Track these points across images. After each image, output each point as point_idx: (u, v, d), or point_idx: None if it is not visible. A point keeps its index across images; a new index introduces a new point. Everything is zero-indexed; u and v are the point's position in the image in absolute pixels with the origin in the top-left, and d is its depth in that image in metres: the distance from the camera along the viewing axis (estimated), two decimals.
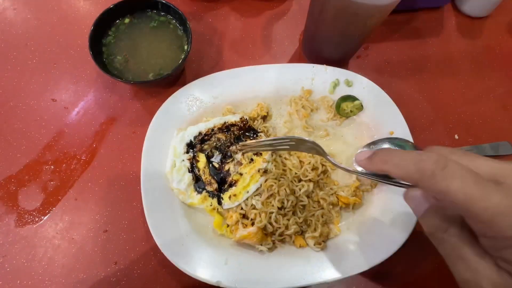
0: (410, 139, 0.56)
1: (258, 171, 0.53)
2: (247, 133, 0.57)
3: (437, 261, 0.57)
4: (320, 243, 0.53)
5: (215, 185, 0.55)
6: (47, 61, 0.65)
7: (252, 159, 0.55)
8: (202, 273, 0.50)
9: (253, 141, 0.53)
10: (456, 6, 0.74)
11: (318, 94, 0.61)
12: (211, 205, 0.55)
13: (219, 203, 0.55)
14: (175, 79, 0.64)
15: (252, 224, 0.52)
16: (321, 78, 0.61)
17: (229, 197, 0.54)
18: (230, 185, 0.54)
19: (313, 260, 0.52)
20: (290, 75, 0.61)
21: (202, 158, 0.56)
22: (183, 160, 0.55)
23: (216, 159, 0.56)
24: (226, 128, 0.57)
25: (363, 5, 0.45)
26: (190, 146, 0.56)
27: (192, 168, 0.56)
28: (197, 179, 0.56)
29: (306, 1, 0.72)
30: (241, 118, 0.58)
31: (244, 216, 0.53)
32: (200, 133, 0.57)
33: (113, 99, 0.63)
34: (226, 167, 0.56)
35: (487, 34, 0.73)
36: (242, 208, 0.53)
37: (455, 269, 0.29)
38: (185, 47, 0.59)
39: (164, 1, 0.58)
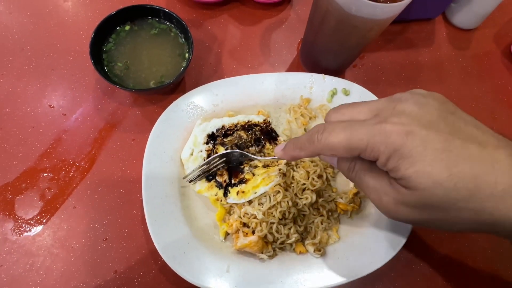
0: None
1: (279, 170, 0.55)
2: (267, 136, 0.59)
3: (434, 263, 0.59)
4: (319, 250, 0.54)
5: (226, 177, 0.56)
6: (44, 67, 0.64)
7: (268, 165, 0.57)
8: (203, 280, 0.50)
9: (196, 167, 0.55)
10: (446, 18, 0.77)
11: (316, 103, 0.63)
12: (216, 195, 0.55)
13: (225, 195, 0.55)
14: (175, 87, 0.65)
15: (253, 232, 0.53)
16: (320, 87, 0.62)
17: (237, 193, 0.54)
18: (241, 182, 0.55)
19: (313, 267, 0.53)
20: (289, 83, 0.62)
21: (222, 151, 0.57)
22: (201, 151, 0.56)
23: None
24: (248, 127, 0.58)
25: (362, 18, 0.47)
26: (211, 137, 0.57)
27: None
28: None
29: (304, 10, 0.74)
30: (264, 120, 0.59)
31: (245, 225, 0.54)
32: (223, 127, 0.58)
33: (112, 106, 0.63)
34: (241, 165, 0.57)
35: (475, 45, 0.76)
36: (243, 217, 0.54)
37: (369, 197, 0.34)
38: (186, 55, 0.60)
39: (166, 10, 0.58)
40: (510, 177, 0.28)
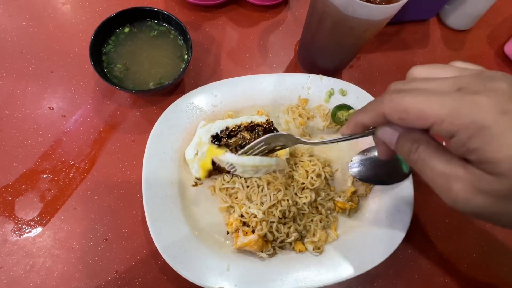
0: None
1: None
2: None
3: (432, 260, 0.60)
4: (318, 248, 0.54)
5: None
6: (44, 69, 0.64)
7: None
8: (204, 279, 0.51)
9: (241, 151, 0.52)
10: (441, 19, 0.78)
11: (314, 103, 0.64)
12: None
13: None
14: (174, 88, 0.65)
15: (253, 231, 0.53)
16: (317, 88, 0.63)
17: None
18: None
19: (312, 265, 0.54)
20: (287, 84, 0.63)
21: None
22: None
23: None
24: (251, 127, 0.59)
25: (359, 19, 0.48)
26: (216, 138, 0.57)
27: (213, 161, 0.56)
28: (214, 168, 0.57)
29: (300, 12, 0.75)
30: (266, 120, 0.60)
31: (245, 224, 0.54)
32: (227, 128, 0.58)
33: (111, 107, 0.63)
34: None
35: (469, 46, 0.78)
36: (242, 216, 0.55)
37: (432, 184, 0.30)
38: (185, 56, 0.60)
39: (165, 12, 0.59)
40: None
